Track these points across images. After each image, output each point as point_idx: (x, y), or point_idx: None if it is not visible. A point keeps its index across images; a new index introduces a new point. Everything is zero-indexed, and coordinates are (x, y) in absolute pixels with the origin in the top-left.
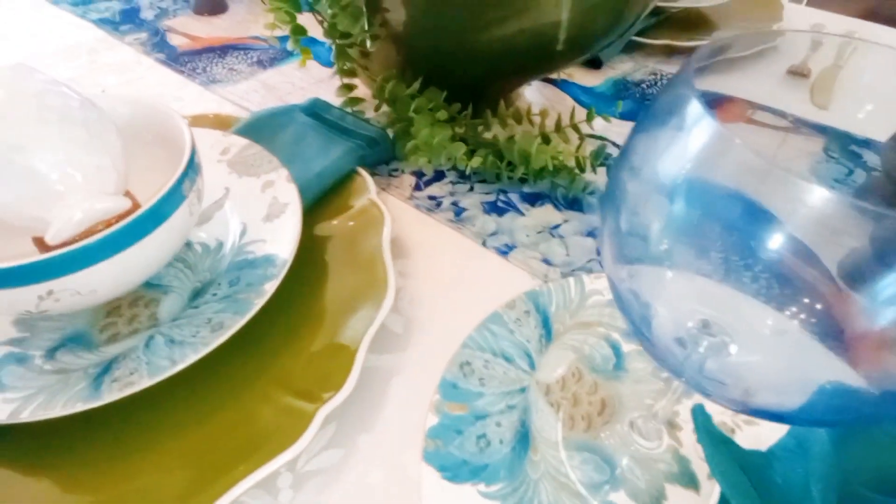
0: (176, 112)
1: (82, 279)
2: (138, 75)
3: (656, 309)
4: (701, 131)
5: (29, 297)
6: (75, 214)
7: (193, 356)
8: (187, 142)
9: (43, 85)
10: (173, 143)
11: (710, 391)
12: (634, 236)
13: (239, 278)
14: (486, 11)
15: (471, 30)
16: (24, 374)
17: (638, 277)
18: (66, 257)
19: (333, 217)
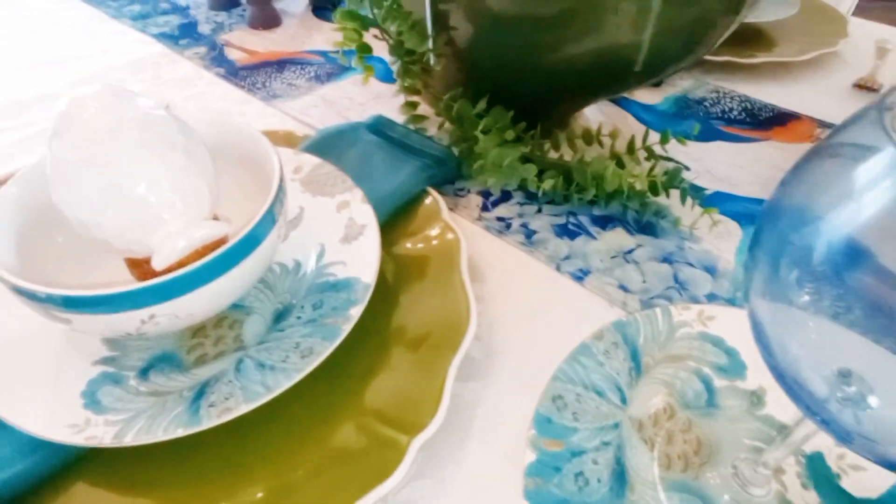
0: (262, 134)
1: (183, 304)
2: (200, 90)
3: (797, 350)
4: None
5: (132, 320)
6: (179, 242)
7: (287, 382)
8: (275, 166)
9: (144, 108)
10: (257, 164)
11: (845, 438)
12: (784, 277)
13: (322, 302)
14: (560, 30)
15: (542, 48)
16: (122, 395)
17: (781, 316)
18: (170, 283)
19: (406, 238)
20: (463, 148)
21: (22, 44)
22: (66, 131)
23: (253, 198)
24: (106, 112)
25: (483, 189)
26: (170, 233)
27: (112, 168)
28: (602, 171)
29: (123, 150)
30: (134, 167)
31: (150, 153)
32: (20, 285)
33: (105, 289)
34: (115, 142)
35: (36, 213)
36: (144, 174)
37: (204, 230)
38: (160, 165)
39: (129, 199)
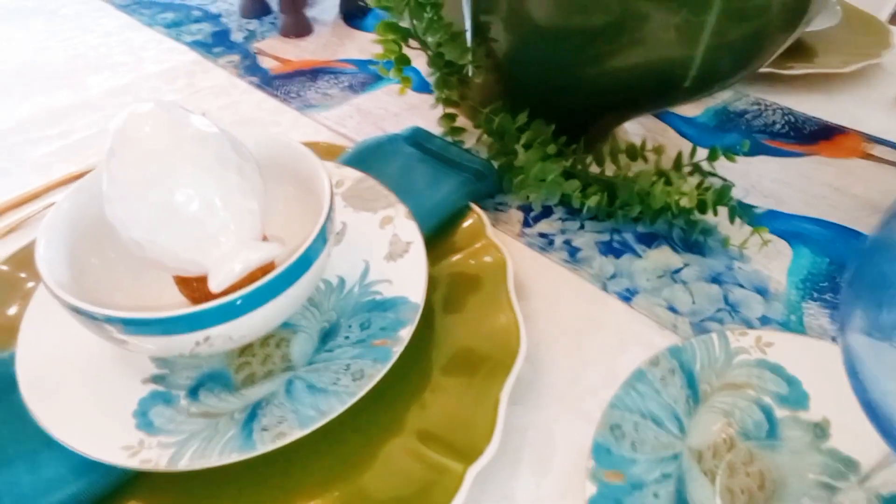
0: (310, 151)
1: (237, 326)
2: (235, 99)
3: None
4: None
5: (187, 342)
6: (236, 266)
7: (340, 406)
8: (325, 185)
9: (198, 126)
10: (303, 181)
11: None
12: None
13: (370, 321)
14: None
15: (586, 62)
16: (174, 415)
17: (883, 354)
18: (226, 306)
19: (448, 255)
20: (503, 162)
21: (57, 51)
22: (122, 150)
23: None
24: (162, 130)
25: (523, 204)
26: (224, 254)
27: (169, 188)
28: (649, 187)
29: (180, 171)
30: (190, 187)
31: (205, 173)
32: (79, 306)
33: (163, 311)
34: (172, 161)
35: (86, 228)
36: (201, 194)
37: (259, 253)
38: (216, 185)
39: (185, 219)
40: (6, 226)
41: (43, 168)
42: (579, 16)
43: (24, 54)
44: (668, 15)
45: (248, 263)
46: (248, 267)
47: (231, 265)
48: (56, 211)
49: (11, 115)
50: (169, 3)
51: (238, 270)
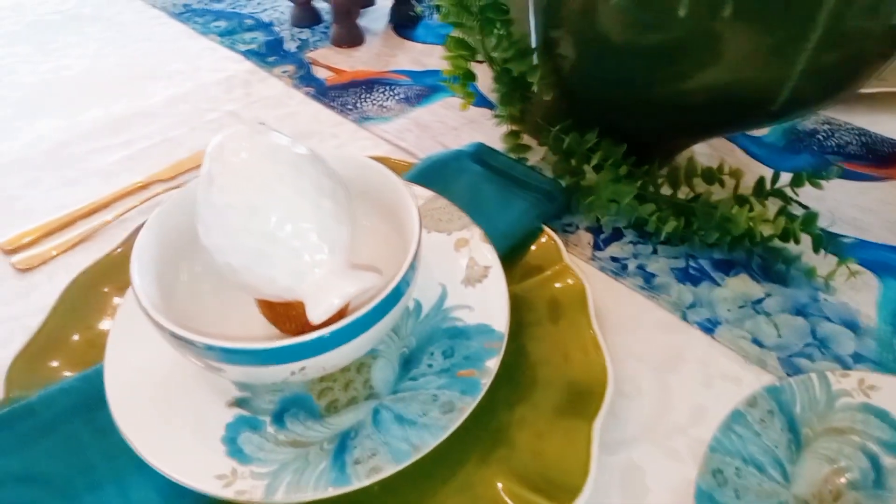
0: (396, 176)
1: (333, 356)
2: (292, 110)
3: None
4: None
5: (283, 372)
6: (334, 301)
7: (432, 440)
8: (413, 212)
9: (294, 151)
10: (385, 203)
11: None
12: None
13: (453, 350)
14: (685, 63)
15: (663, 81)
16: (262, 443)
17: None
18: (326, 338)
19: (522, 279)
20: (570, 182)
21: (114, 58)
22: (220, 175)
23: (372, 235)
24: (260, 156)
25: (591, 225)
26: (318, 282)
27: (269, 216)
28: (731, 213)
29: (280, 198)
30: (290, 215)
31: (304, 200)
32: (181, 334)
33: (263, 343)
34: (272, 188)
35: (173, 249)
36: (300, 222)
37: (357, 285)
38: (313, 212)
39: (283, 247)
40: (77, 235)
41: (109, 177)
42: (658, 33)
43: (82, 61)
44: (761, 35)
45: (346, 296)
46: (346, 298)
47: (330, 299)
48: (145, 233)
49: (75, 123)
50: (222, 12)
51: (337, 305)
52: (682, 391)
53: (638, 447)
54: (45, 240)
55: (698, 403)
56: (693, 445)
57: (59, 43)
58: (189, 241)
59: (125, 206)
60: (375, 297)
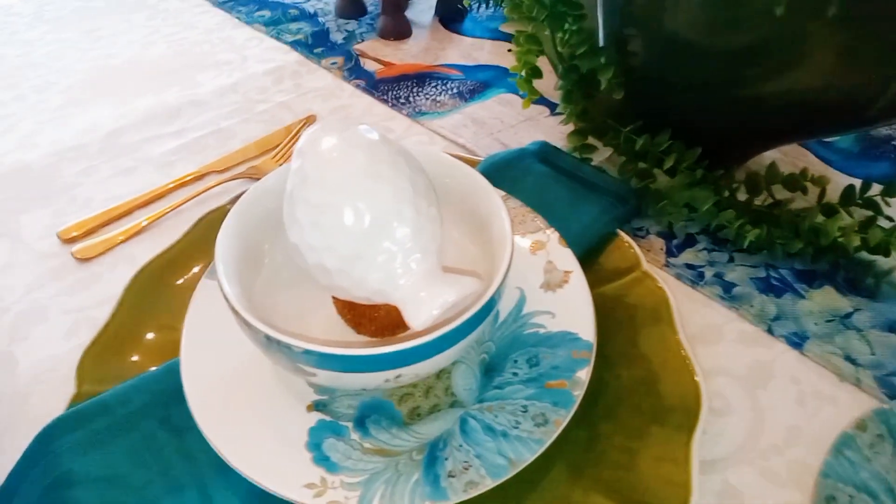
0: (487, 183)
1: (429, 363)
2: (343, 102)
3: None
4: None
5: (379, 379)
6: (434, 311)
7: (528, 455)
8: (504, 217)
9: (390, 148)
10: (469, 206)
11: None
12: None
13: (538, 358)
14: (774, 63)
15: (745, 82)
16: (348, 451)
17: None
18: (425, 346)
19: (598, 287)
20: (641, 185)
21: (161, 46)
22: (313, 172)
23: (457, 240)
24: (358, 154)
25: (663, 230)
26: (413, 286)
27: (364, 215)
28: (820, 223)
29: (380, 198)
30: (386, 214)
31: (401, 199)
32: (275, 337)
33: (363, 349)
34: (372, 189)
35: (252, 245)
36: (396, 222)
37: (458, 290)
38: (410, 212)
39: (378, 248)
40: (134, 226)
41: (164, 167)
42: (744, 32)
43: (129, 49)
44: (868, 36)
45: (446, 304)
46: (447, 306)
47: (430, 307)
48: (227, 231)
49: (126, 111)
50: (264, 1)
51: (437, 315)
52: (775, 409)
53: (734, 468)
54: (103, 229)
55: (793, 423)
56: (793, 468)
57: (105, 30)
58: (266, 236)
59: (181, 197)
60: (476, 304)
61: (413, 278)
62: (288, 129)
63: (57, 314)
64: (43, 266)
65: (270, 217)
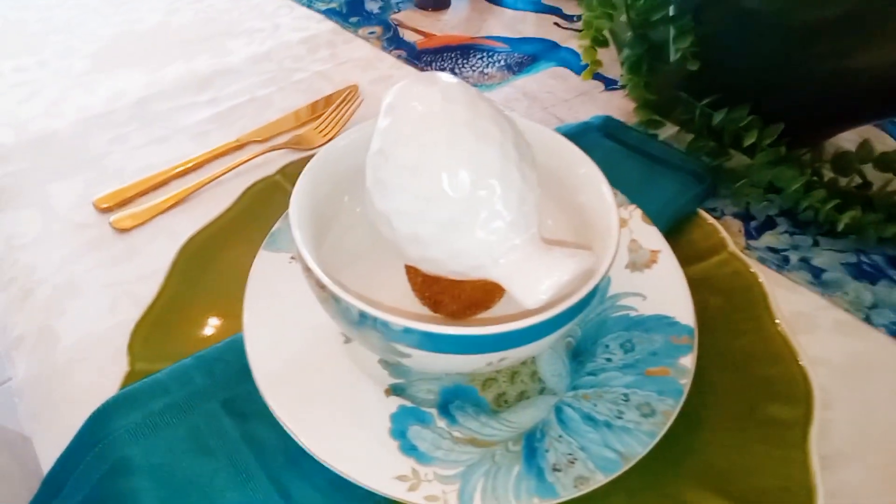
0: (577, 149)
1: (535, 347)
2: (384, 73)
3: None
4: None
5: (480, 362)
6: (550, 287)
7: (639, 448)
8: (606, 188)
9: (489, 105)
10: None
11: None
12: None
13: (632, 343)
14: (878, 37)
15: (835, 58)
16: (436, 440)
17: None
18: (538, 327)
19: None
20: (714, 163)
21: (188, 13)
22: (406, 132)
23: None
24: (459, 111)
25: (740, 211)
26: (518, 261)
27: (464, 179)
28: None
29: (479, 159)
30: (489, 179)
31: (506, 163)
32: (375, 315)
33: (475, 328)
34: (476, 150)
35: (322, 211)
36: (500, 188)
37: (575, 266)
38: (516, 178)
39: (482, 217)
40: (173, 196)
41: (199, 136)
42: (831, 4)
43: (154, 15)
44: None
45: (561, 281)
46: (564, 284)
47: (545, 286)
48: (298, 198)
49: (155, 78)
50: None
51: (553, 293)
52: (883, 404)
53: (848, 468)
54: (139, 199)
55: None
56: None
57: None
58: (333, 205)
59: (219, 168)
60: (590, 280)
61: (518, 252)
62: (329, 98)
63: (96, 288)
64: (79, 237)
65: (340, 183)
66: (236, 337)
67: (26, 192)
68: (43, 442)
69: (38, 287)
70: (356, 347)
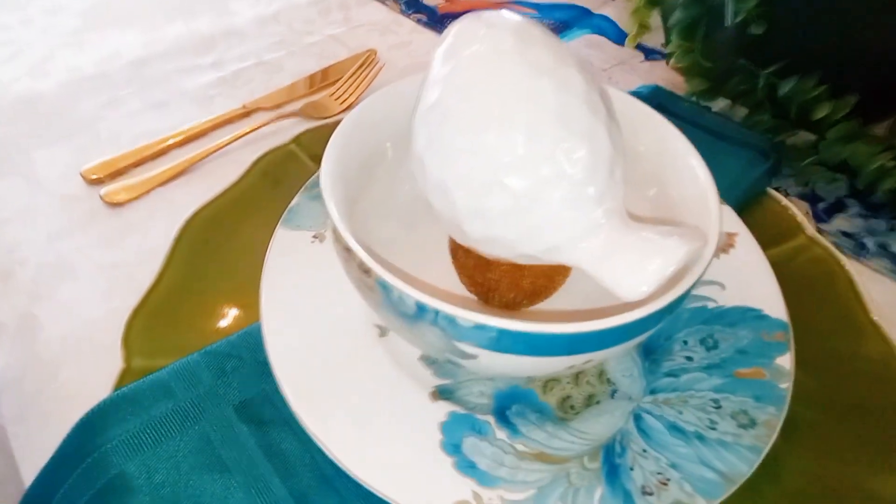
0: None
1: (626, 346)
2: (404, 39)
3: None
4: None
5: (562, 364)
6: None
7: (744, 467)
8: (697, 160)
9: (571, 55)
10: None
11: None
12: None
13: (714, 339)
14: None
15: None
16: (497, 454)
17: None
18: (644, 321)
19: None
20: (777, 139)
21: None
22: (475, 79)
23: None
24: (539, 52)
25: (805, 192)
26: (606, 244)
27: (542, 145)
28: None
29: (570, 115)
30: (580, 139)
31: (599, 124)
32: (438, 308)
33: (569, 325)
34: (561, 101)
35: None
36: (589, 151)
37: (684, 252)
38: (605, 140)
39: (564, 187)
40: (174, 167)
41: (201, 102)
42: None
43: None
44: None
45: (666, 271)
46: (664, 276)
47: (649, 274)
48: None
49: (153, 38)
50: None
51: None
52: None
53: None
54: (135, 170)
55: None
56: None
57: None
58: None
59: (226, 136)
60: (696, 266)
61: (605, 231)
62: (345, 64)
63: (87, 270)
64: (67, 212)
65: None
66: (251, 329)
67: (8, 159)
68: (21, 452)
69: (19, 268)
70: (394, 341)
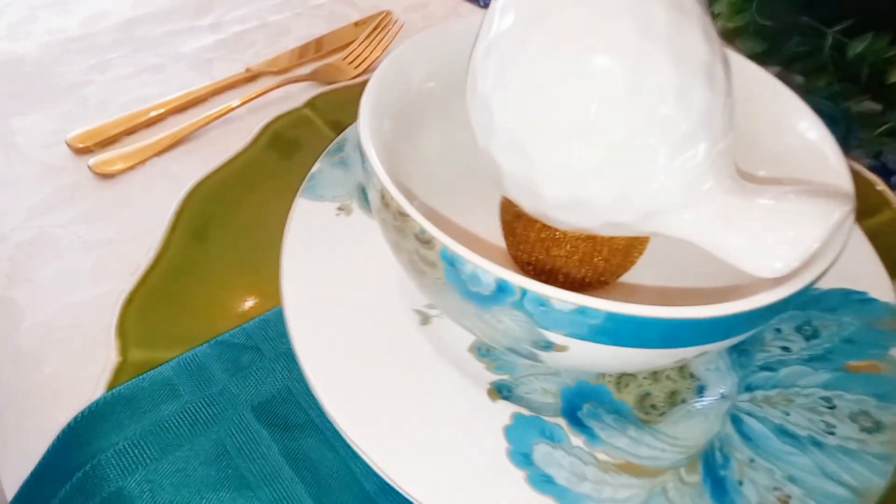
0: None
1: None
2: (420, 2)
3: None
4: None
5: (670, 358)
6: (798, 250)
7: (877, 479)
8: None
9: None
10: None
11: None
12: None
13: (813, 327)
14: None
15: None
16: (576, 466)
17: None
18: (784, 302)
19: None
20: (844, 105)
21: None
22: (543, 16)
23: None
24: None
25: (875, 164)
26: (719, 210)
27: (666, 84)
28: None
29: (685, 52)
30: (695, 84)
31: (717, 62)
32: (529, 288)
33: (699, 309)
34: (674, 32)
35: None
36: (707, 102)
37: (834, 221)
38: (723, 87)
39: (674, 144)
40: (170, 135)
41: (200, 65)
42: None
43: None
44: None
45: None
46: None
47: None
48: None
49: None
50: None
51: (800, 258)
52: None
53: None
54: (127, 138)
55: None
56: None
57: None
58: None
59: (228, 102)
60: (837, 235)
61: (718, 195)
62: (357, 26)
63: (74, 248)
64: (51, 183)
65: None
66: (269, 315)
67: None
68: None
69: None
70: (438, 330)
